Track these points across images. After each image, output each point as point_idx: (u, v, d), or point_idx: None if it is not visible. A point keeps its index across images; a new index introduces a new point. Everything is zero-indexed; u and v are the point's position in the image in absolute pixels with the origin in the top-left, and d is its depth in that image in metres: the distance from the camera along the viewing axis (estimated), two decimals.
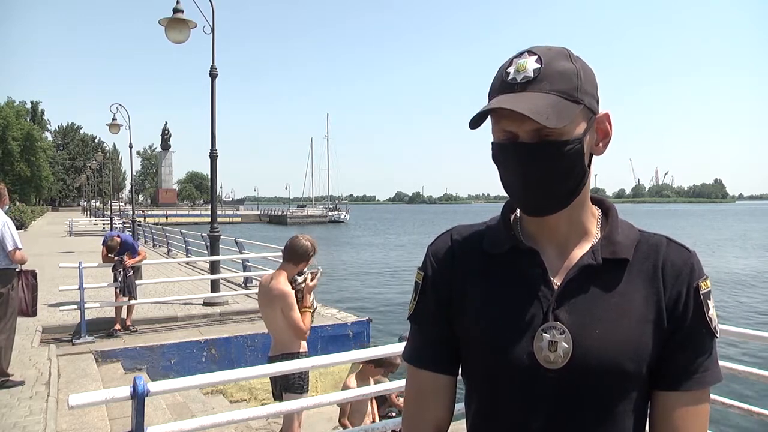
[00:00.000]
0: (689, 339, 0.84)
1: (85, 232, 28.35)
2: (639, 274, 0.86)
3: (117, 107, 18.30)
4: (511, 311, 0.87)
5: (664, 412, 0.84)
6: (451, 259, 0.94)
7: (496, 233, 0.93)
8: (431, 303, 0.94)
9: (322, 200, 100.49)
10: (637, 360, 0.82)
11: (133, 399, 2.07)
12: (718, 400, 2.80)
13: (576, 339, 0.82)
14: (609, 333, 0.82)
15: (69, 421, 4.24)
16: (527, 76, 0.82)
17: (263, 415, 3.58)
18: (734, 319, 13.05)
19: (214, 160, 8.96)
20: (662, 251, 0.87)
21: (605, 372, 0.82)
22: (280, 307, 3.43)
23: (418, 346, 0.96)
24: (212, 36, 8.70)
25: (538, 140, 0.81)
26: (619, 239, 0.88)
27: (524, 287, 0.87)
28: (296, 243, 3.58)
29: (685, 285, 0.84)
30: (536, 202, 0.86)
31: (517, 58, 0.84)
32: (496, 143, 0.86)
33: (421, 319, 0.96)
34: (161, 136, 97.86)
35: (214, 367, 6.39)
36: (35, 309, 5.18)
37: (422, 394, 0.94)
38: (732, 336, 2.79)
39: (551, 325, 0.84)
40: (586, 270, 0.86)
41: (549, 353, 0.82)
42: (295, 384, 3.46)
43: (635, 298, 0.84)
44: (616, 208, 0.93)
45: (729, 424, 5.72)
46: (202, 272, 11.62)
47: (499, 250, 0.91)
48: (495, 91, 0.85)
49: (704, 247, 32.59)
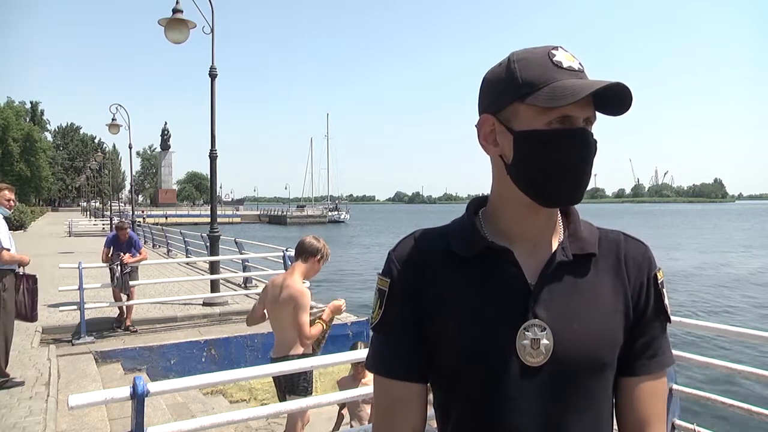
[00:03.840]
0: (649, 326, 0.90)
1: (84, 232, 28.37)
2: (604, 268, 0.90)
3: (116, 107, 18.32)
4: (489, 312, 0.86)
5: (630, 396, 0.90)
6: (419, 263, 0.91)
7: (466, 234, 0.91)
8: (400, 310, 0.91)
9: (322, 200, 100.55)
10: (612, 349, 0.87)
11: (133, 399, 2.07)
12: (719, 400, 2.80)
13: (556, 335, 0.84)
14: (586, 326, 0.85)
15: (69, 421, 4.23)
16: (580, 67, 0.84)
17: (263, 415, 3.58)
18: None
19: (213, 160, 8.96)
20: (622, 246, 0.92)
21: (586, 364, 0.85)
22: (293, 305, 3.30)
23: (387, 355, 0.92)
24: (212, 36, 8.70)
25: (586, 129, 0.84)
26: (584, 235, 0.91)
27: (500, 287, 0.87)
28: (305, 240, 3.55)
29: (645, 276, 0.91)
30: (576, 191, 0.86)
31: (556, 50, 0.85)
32: (560, 129, 0.82)
33: (390, 327, 0.92)
34: (161, 137, 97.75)
35: (214, 368, 6.39)
36: (35, 314, 5.11)
37: (395, 404, 0.91)
38: (731, 335, 2.79)
39: (532, 322, 0.84)
40: (559, 266, 0.87)
41: (532, 351, 0.84)
42: (300, 387, 3.38)
43: (604, 290, 0.88)
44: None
45: (729, 424, 5.72)
46: (202, 272, 11.62)
47: (471, 251, 0.89)
48: (548, 77, 0.82)
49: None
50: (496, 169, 0.91)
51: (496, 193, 0.93)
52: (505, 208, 0.91)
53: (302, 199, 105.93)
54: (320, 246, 3.50)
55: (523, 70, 0.84)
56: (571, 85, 0.81)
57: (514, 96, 0.84)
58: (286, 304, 3.34)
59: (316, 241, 3.52)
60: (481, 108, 0.91)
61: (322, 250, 3.50)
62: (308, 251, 3.48)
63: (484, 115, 0.90)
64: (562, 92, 0.80)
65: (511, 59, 0.87)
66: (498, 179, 0.92)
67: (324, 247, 3.53)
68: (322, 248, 3.51)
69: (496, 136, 0.89)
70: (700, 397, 2.85)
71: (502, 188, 0.91)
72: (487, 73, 0.91)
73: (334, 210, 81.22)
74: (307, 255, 3.48)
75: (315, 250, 3.48)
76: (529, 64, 0.84)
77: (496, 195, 0.93)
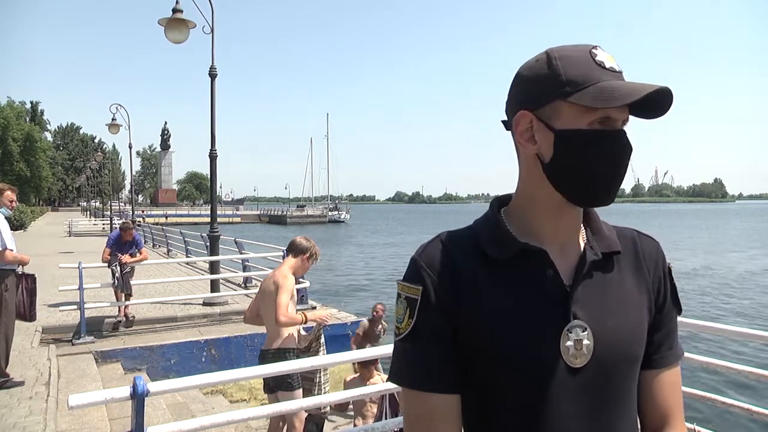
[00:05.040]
0: (666, 319, 0.93)
1: (84, 232, 28.37)
2: (627, 264, 0.92)
3: (116, 107, 18.36)
4: (530, 316, 0.84)
5: (651, 388, 0.91)
6: (451, 268, 0.87)
7: (498, 236, 0.89)
8: (433, 318, 0.86)
9: (322, 200, 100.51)
10: (642, 344, 0.89)
11: (133, 399, 2.07)
12: (719, 400, 2.80)
13: (595, 334, 0.84)
14: (620, 323, 0.87)
15: (69, 421, 4.24)
16: (620, 69, 0.84)
17: (263, 415, 3.58)
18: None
19: (213, 160, 8.97)
20: (638, 242, 0.94)
21: (622, 360, 0.86)
22: (274, 290, 3.48)
23: (422, 367, 0.86)
24: (212, 36, 8.70)
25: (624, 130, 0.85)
26: (607, 234, 0.93)
27: (538, 289, 0.85)
28: (296, 239, 3.81)
29: (661, 270, 0.94)
30: (612, 192, 0.86)
31: (596, 49, 0.84)
32: (603, 130, 0.82)
33: (423, 337, 0.86)
34: (161, 136, 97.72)
35: (214, 367, 6.40)
36: (34, 313, 5.12)
37: (434, 420, 0.85)
38: (731, 335, 2.79)
39: (574, 324, 0.84)
40: (591, 265, 0.88)
41: (575, 352, 0.83)
42: (284, 383, 3.47)
43: (630, 287, 0.90)
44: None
45: (729, 423, 5.71)
46: (202, 272, 11.62)
47: (506, 253, 0.87)
48: (592, 77, 0.81)
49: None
50: (529, 168, 0.88)
51: (526, 192, 0.90)
52: (535, 208, 0.89)
53: (302, 199, 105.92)
54: (310, 245, 3.77)
55: (567, 67, 0.82)
56: (619, 86, 0.80)
57: (556, 94, 0.82)
58: (270, 292, 3.53)
59: (306, 241, 3.80)
60: (514, 104, 0.88)
61: (311, 249, 3.77)
62: (298, 249, 3.73)
63: (522, 112, 0.86)
64: (610, 93, 0.79)
65: (552, 56, 0.84)
66: (529, 178, 0.89)
67: (313, 247, 3.80)
68: (312, 247, 3.78)
69: (533, 134, 0.86)
70: (700, 397, 2.85)
71: (533, 187, 0.88)
72: (523, 69, 0.88)
73: (334, 210, 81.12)
74: (297, 252, 3.73)
75: (305, 248, 3.74)
76: (572, 62, 0.83)
77: (526, 194, 0.90)
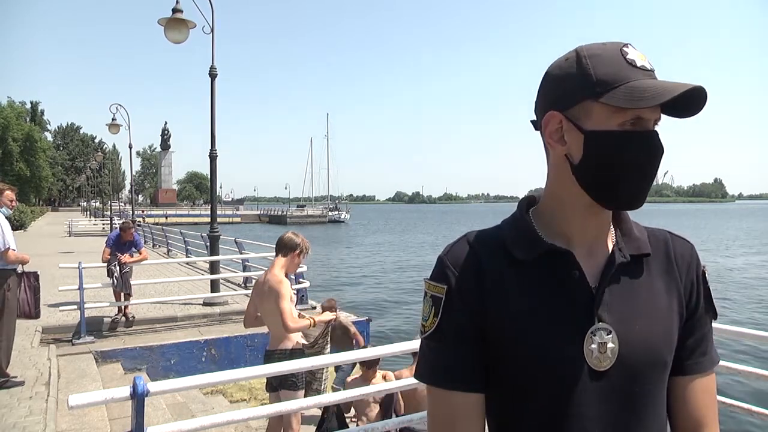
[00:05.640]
0: (700, 323, 0.90)
1: (84, 232, 28.36)
2: (657, 267, 0.89)
3: (116, 107, 18.36)
4: (555, 317, 0.84)
5: (683, 396, 0.89)
6: (477, 268, 0.87)
7: (524, 236, 0.89)
8: (459, 317, 0.86)
9: (322, 200, 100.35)
10: (671, 349, 0.87)
11: (133, 399, 2.07)
12: (719, 400, 2.80)
13: (620, 337, 0.83)
14: (647, 327, 0.85)
15: (69, 421, 4.23)
16: (652, 67, 0.82)
17: (263, 415, 3.58)
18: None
19: (213, 160, 8.97)
20: (670, 245, 0.92)
21: (649, 366, 0.84)
22: (274, 296, 3.46)
23: (445, 365, 0.87)
24: (212, 36, 8.70)
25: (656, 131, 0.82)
26: (637, 235, 0.91)
27: (563, 291, 0.85)
28: (283, 236, 3.73)
29: (694, 273, 0.91)
30: (642, 194, 0.83)
31: (628, 47, 0.82)
32: (635, 131, 0.80)
33: (447, 335, 0.87)
34: (161, 136, 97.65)
35: (214, 367, 6.40)
36: (38, 311, 5.18)
37: (456, 418, 0.86)
38: (729, 335, 2.79)
39: (598, 326, 0.83)
40: (619, 268, 0.86)
41: (599, 355, 0.82)
42: (288, 381, 3.48)
43: (659, 290, 0.88)
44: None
45: (729, 423, 5.72)
46: (202, 272, 11.62)
47: (531, 254, 0.86)
48: (624, 76, 0.79)
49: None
50: (558, 169, 0.87)
51: (554, 193, 0.89)
52: (564, 209, 0.88)
53: (302, 199, 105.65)
54: (299, 241, 3.68)
55: (597, 67, 0.81)
56: (651, 86, 0.78)
57: (586, 93, 0.81)
58: (269, 297, 3.50)
59: (296, 237, 3.71)
60: (544, 104, 0.87)
61: (301, 244, 3.68)
62: (288, 246, 3.65)
63: (552, 112, 0.85)
64: (641, 93, 0.77)
65: (581, 54, 0.83)
66: (558, 179, 0.88)
67: (303, 242, 3.71)
68: (301, 243, 3.69)
69: (563, 134, 0.85)
70: None
71: (562, 188, 0.87)
72: (552, 68, 0.87)
73: (334, 210, 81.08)
74: (286, 250, 3.65)
75: (294, 245, 3.65)
76: (602, 61, 0.81)
77: (554, 195, 0.90)
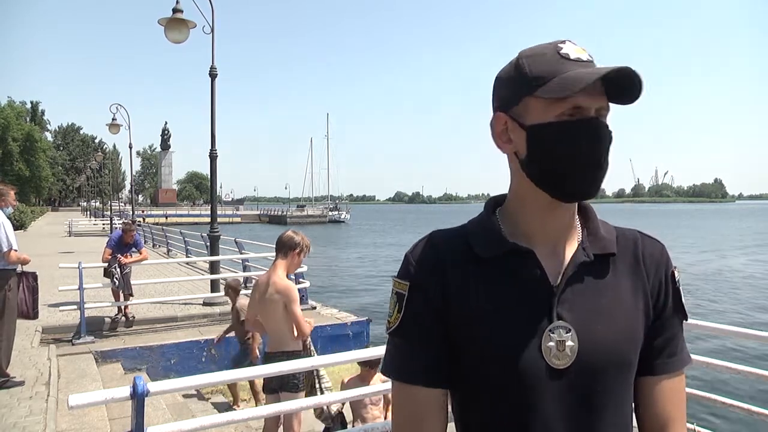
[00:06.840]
0: (668, 324, 0.90)
1: (85, 232, 28.35)
2: (623, 267, 0.90)
3: (117, 107, 18.37)
4: (513, 315, 0.85)
5: (650, 396, 0.89)
6: (439, 265, 0.89)
7: (487, 235, 0.90)
8: (421, 313, 0.88)
9: (322, 200, 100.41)
10: (635, 349, 0.87)
11: (133, 399, 2.07)
12: (719, 400, 2.80)
13: (581, 336, 0.83)
14: (609, 326, 0.85)
15: (69, 421, 4.23)
16: (589, 58, 0.84)
17: (263, 415, 3.58)
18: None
19: (213, 160, 8.97)
20: (639, 244, 0.92)
21: (610, 365, 0.84)
22: (283, 302, 3.40)
23: (408, 360, 0.89)
24: (212, 36, 8.70)
25: (598, 118, 0.83)
26: (603, 235, 0.91)
27: (523, 289, 0.86)
28: (282, 235, 3.63)
29: (663, 273, 0.91)
30: (591, 184, 0.84)
31: (564, 43, 0.85)
32: (571, 120, 0.82)
33: (410, 331, 0.89)
34: (161, 136, 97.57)
35: (214, 367, 6.39)
36: (36, 311, 5.18)
37: (418, 412, 0.87)
38: (731, 335, 2.79)
39: (557, 324, 0.83)
40: (581, 267, 0.87)
41: (557, 353, 0.83)
42: (290, 383, 3.45)
43: (624, 290, 0.88)
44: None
45: (729, 423, 5.72)
46: (202, 272, 11.61)
47: (493, 252, 0.88)
48: (557, 69, 0.82)
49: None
50: (513, 167, 0.91)
51: (514, 191, 0.92)
52: (524, 207, 0.90)
53: (302, 199, 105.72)
54: (299, 240, 3.59)
55: (533, 65, 0.84)
56: (581, 74, 0.80)
57: (524, 91, 0.84)
58: (275, 301, 3.43)
59: (295, 235, 3.61)
60: (493, 107, 0.91)
61: (300, 243, 3.58)
62: (288, 246, 3.56)
63: (497, 114, 0.89)
64: (571, 81, 0.79)
65: (520, 57, 0.87)
66: (515, 177, 0.91)
67: (303, 240, 3.61)
68: (301, 241, 3.59)
69: (509, 134, 0.88)
70: (700, 397, 2.85)
71: (520, 186, 0.90)
72: (499, 73, 0.90)
73: (334, 210, 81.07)
74: (287, 250, 3.56)
75: (294, 244, 3.56)
76: (537, 59, 0.84)
77: (514, 193, 0.92)
